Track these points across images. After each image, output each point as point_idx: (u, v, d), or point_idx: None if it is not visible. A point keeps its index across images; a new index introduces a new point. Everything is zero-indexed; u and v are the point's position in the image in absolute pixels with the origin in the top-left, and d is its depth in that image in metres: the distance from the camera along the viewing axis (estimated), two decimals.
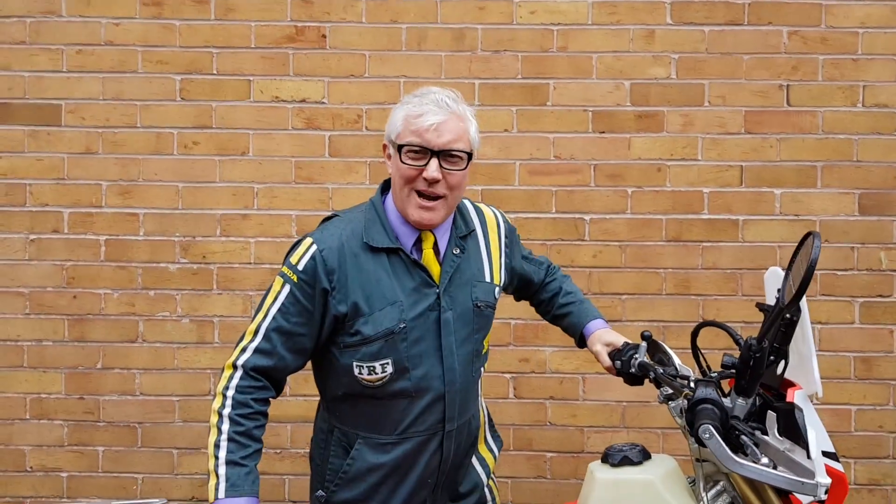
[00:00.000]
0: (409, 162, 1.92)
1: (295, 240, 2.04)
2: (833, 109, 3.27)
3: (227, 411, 1.88)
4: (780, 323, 1.73)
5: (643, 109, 3.29)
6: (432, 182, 1.91)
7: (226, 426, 1.86)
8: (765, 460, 1.62)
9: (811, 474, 1.57)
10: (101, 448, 3.32)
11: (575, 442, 3.31)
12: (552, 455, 3.32)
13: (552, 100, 3.30)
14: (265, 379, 1.93)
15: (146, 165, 3.31)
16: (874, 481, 3.29)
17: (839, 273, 3.27)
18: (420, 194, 1.93)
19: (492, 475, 2.25)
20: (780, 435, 1.74)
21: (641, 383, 2.12)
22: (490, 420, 2.28)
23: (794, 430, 1.70)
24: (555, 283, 2.40)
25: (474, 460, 2.19)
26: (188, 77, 3.30)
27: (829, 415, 3.27)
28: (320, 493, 2.05)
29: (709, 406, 1.67)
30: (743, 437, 1.67)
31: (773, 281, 1.92)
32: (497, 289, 2.13)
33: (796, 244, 1.78)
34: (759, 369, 1.71)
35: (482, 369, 2.16)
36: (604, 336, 2.24)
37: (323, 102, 3.30)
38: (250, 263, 3.31)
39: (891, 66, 3.26)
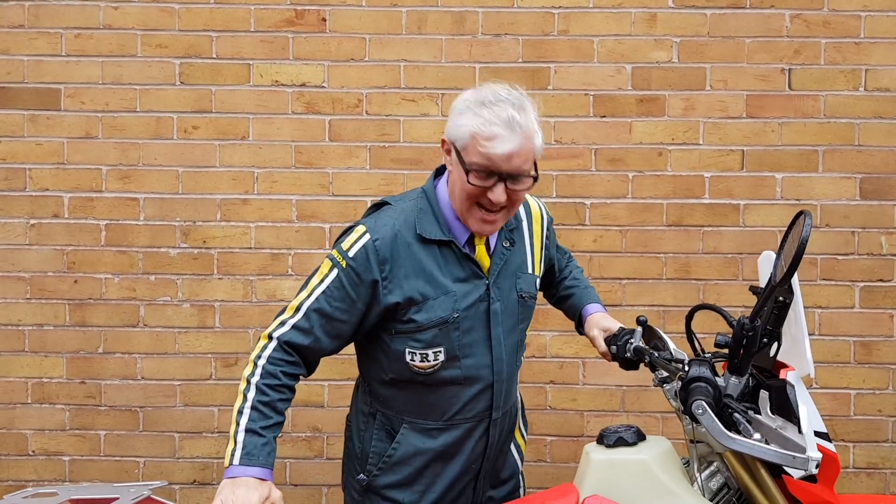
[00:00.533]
0: (476, 182, 1.85)
1: (346, 225, 2.03)
2: (835, 93, 3.25)
3: (255, 379, 1.87)
4: (773, 305, 1.74)
5: (644, 93, 3.28)
6: (497, 203, 1.87)
7: (251, 394, 1.86)
8: (757, 436, 1.63)
9: (802, 449, 1.59)
10: (102, 432, 3.33)
11: (575, 426, 3.32)
12: (552, 439, 3.33)
13: (553, 83, 3.28)
14: (297, 355, 1.93)
15: (146, 150, 3.30)
16: (873, 465, 3.31)
17: (840, 258, 3.27)
18: (482, 206, 1.90)
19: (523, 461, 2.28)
20: (773, 413, 1.75)
21: (637, 368, 2.14)
22: (522, 405, 2.31)
23: (786, 408, 1.71)
24: (566, 270, 2.43)
25: (512, 447, 2.22)
26: (187, 61, 3.29)
27: (829, 399, 3.28)
28: (361, 476, 2.06)
29: (702, 384, 1.68)
30: (736, 414, 1.68)
31: (766, 265, 1.93)
32: (538, 280, 2.14)
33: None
34: (751, 348, 1.72)
35: (522, 358, 2.18)
36: (600, 321, 2.25)
37: (323, 87, 3.29)
38: (251, 248, 3.31)
39: (893, 49, 3.24)
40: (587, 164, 3.29)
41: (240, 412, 1.86)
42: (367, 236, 1.91)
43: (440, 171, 2.05)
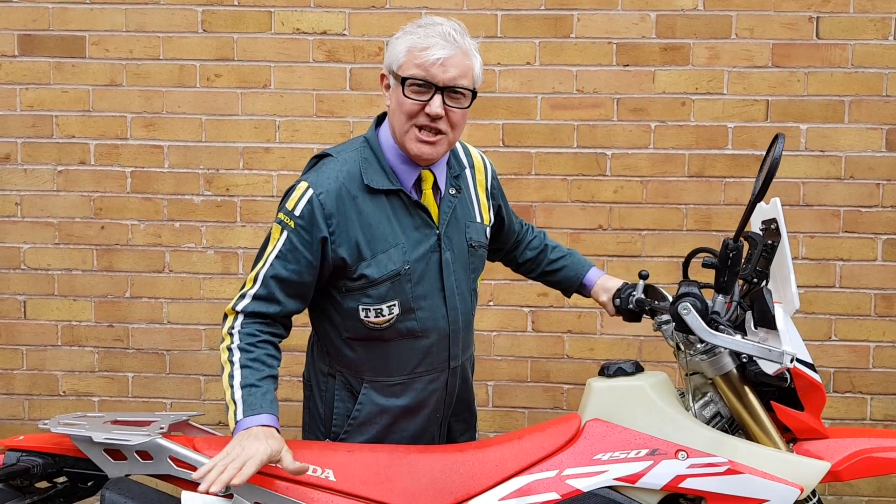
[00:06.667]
0: (413, 97, 1.86)
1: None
2: (863, 42, 3.19)
3: (235, 344, 1.85)
4: (761, 248, 1.91)
5: (668, 42, 3.23)
6: (435, 118, 1.85)
7: (236, 356, 1.83)
8: (738, 336, 1.77)
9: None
10: (130, 374, 3.43)
11: (591, 375, 3.32)
12: (569, 387, 3.37)
13: (576, 32, 3.25)
14: (268, 319, 1.90)
15: (169, 98, 3.33)
16: (890, 417, 3.31)
17: (863, 210, 3.24)
18: (420, 128, 1.88)
19: None
20: (756, 327, 1.87)
21: (639, 319, 2.24)
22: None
23: (767, 319, 1.82)
24: (536, 240, 2.38)
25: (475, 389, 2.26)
26: (209, 8, 3.29)
27: (848, 351, 3.28)
28: (328, 440, 2.03)
29: (691, 297, 1.81)
30: (721, 325, 1.81)
31: (758, 215, 2.05)
32: (487, 229, 2.12)
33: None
34: (735, 266, 1.83)
35: (476, 306, 2.16)
36: (606, 284, 2.29)
37: (344, 34, 3.28)
38: (273, 196, 3.34)
39: None
40: (609, 114, 3.27)
41: (231, 377, 1.81)
42: (311, 191, 1.87)
43: (381, 119, 2.03)
